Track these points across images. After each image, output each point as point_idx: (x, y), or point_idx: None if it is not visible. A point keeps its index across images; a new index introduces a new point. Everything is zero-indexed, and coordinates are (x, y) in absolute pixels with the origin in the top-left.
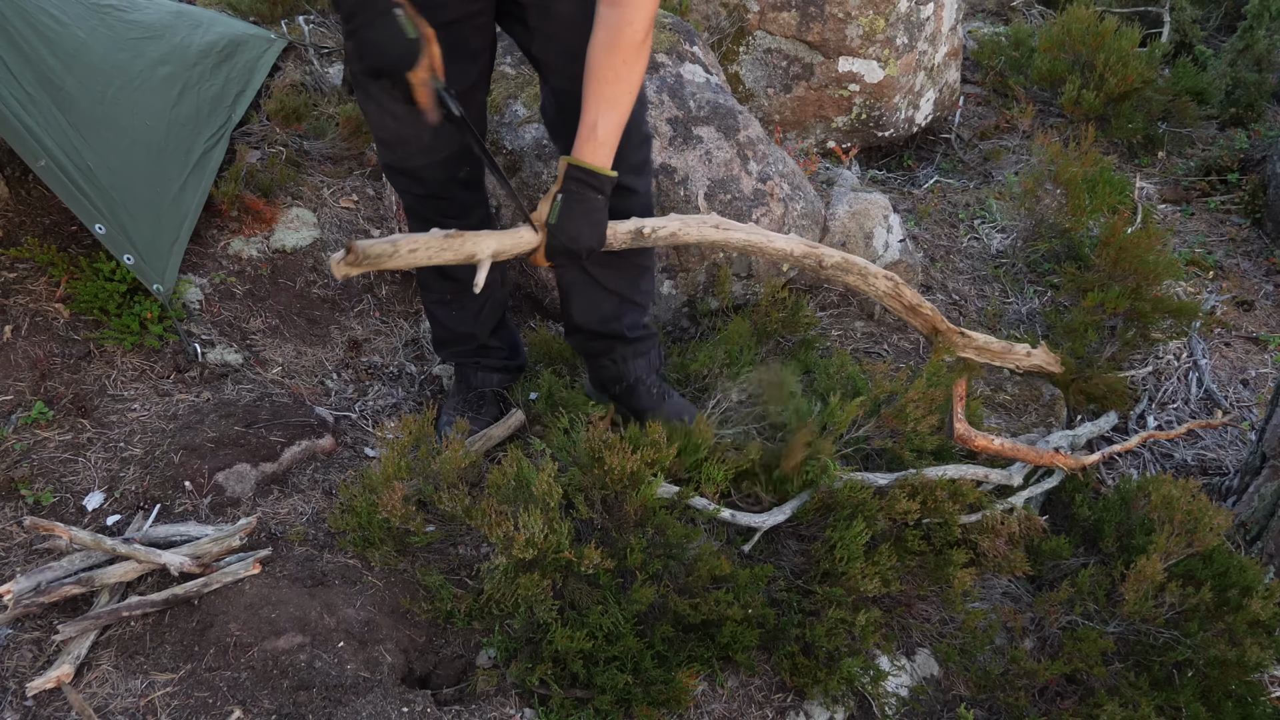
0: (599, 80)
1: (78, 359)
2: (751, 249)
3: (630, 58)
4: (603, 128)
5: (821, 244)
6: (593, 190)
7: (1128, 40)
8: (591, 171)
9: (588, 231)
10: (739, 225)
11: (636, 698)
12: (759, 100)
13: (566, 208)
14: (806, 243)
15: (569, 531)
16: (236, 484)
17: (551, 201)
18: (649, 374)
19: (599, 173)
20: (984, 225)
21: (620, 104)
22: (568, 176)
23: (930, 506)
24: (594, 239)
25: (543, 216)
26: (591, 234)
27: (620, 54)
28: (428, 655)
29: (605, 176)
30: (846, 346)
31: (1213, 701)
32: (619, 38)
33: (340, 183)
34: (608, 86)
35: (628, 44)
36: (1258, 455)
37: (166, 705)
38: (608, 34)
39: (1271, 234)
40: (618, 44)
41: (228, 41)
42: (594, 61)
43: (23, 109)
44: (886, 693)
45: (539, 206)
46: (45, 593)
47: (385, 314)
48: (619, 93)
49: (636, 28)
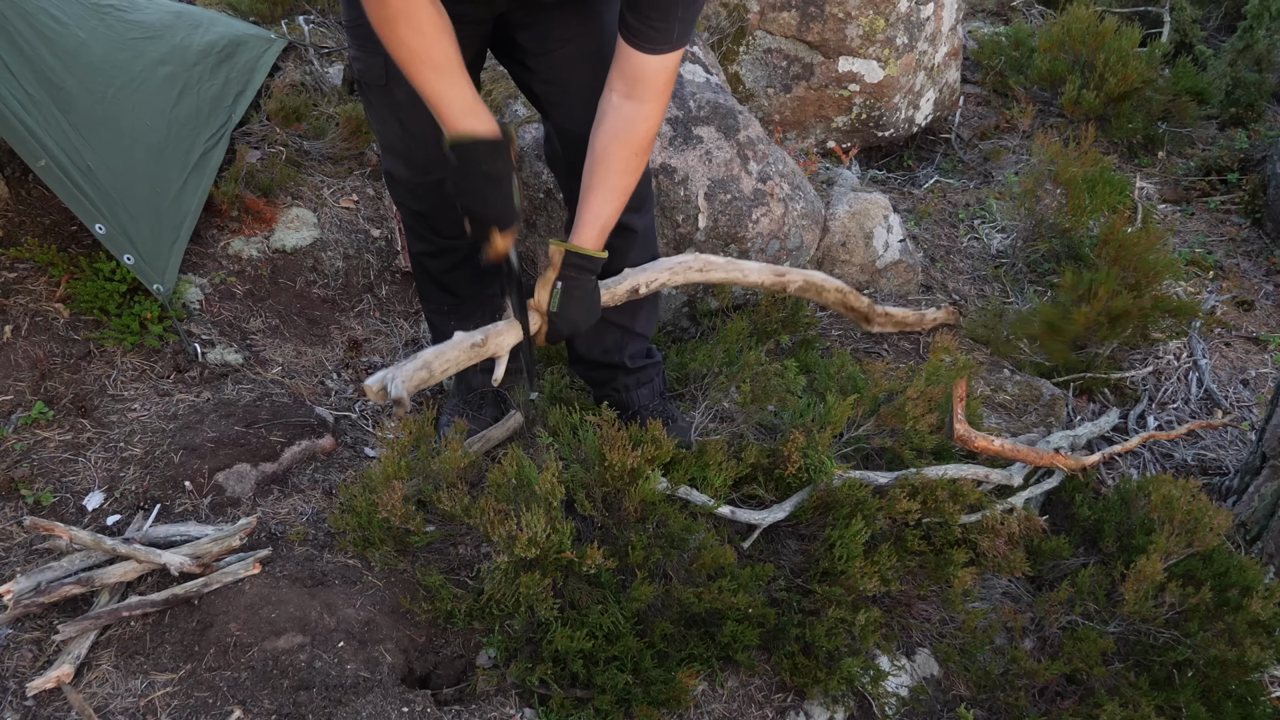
0: (607, 170)
1: (78, 359)
2: (730, 282)
3: (642, 151)
4: (606, 217)
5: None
6: (589, 274)
7: (1128, 40)
8: (589, 257)
9: (585, 315)
10: (718, 261)
11: (636, 697)
12: (759, 100)
13: (566, 295)
14: (774, 270)
15: (571, 531)
16: (236, 484)
17: (551, 290)
18: (652, 400)
19: (595, 256)
20: (984, 225)
21: (626, 193)
22: (566, 264)
23: (930, 506)
24: (591, 318)
25: (543, 305)
26: (589, 315)
27: (632, 147)
28: (428, 655)
29: (599, 259)
30: (846, 346)
31: (1213, 701)
32: (633, 132)
33: (340, 183)
34: (615, 178)
35: (642, 139)
36: (1258, 455)
37: (166, 705)
38: (622, 125)
39: (1271, 234)
40: (631, 138)
41: (228, 41)
42: (603, 150)
43: (23, 109)
44: (886, 693)
45: (537, 293)
46: (45, 593)
47: (385, 314)
48: (627, 184)
49: (652, 124)
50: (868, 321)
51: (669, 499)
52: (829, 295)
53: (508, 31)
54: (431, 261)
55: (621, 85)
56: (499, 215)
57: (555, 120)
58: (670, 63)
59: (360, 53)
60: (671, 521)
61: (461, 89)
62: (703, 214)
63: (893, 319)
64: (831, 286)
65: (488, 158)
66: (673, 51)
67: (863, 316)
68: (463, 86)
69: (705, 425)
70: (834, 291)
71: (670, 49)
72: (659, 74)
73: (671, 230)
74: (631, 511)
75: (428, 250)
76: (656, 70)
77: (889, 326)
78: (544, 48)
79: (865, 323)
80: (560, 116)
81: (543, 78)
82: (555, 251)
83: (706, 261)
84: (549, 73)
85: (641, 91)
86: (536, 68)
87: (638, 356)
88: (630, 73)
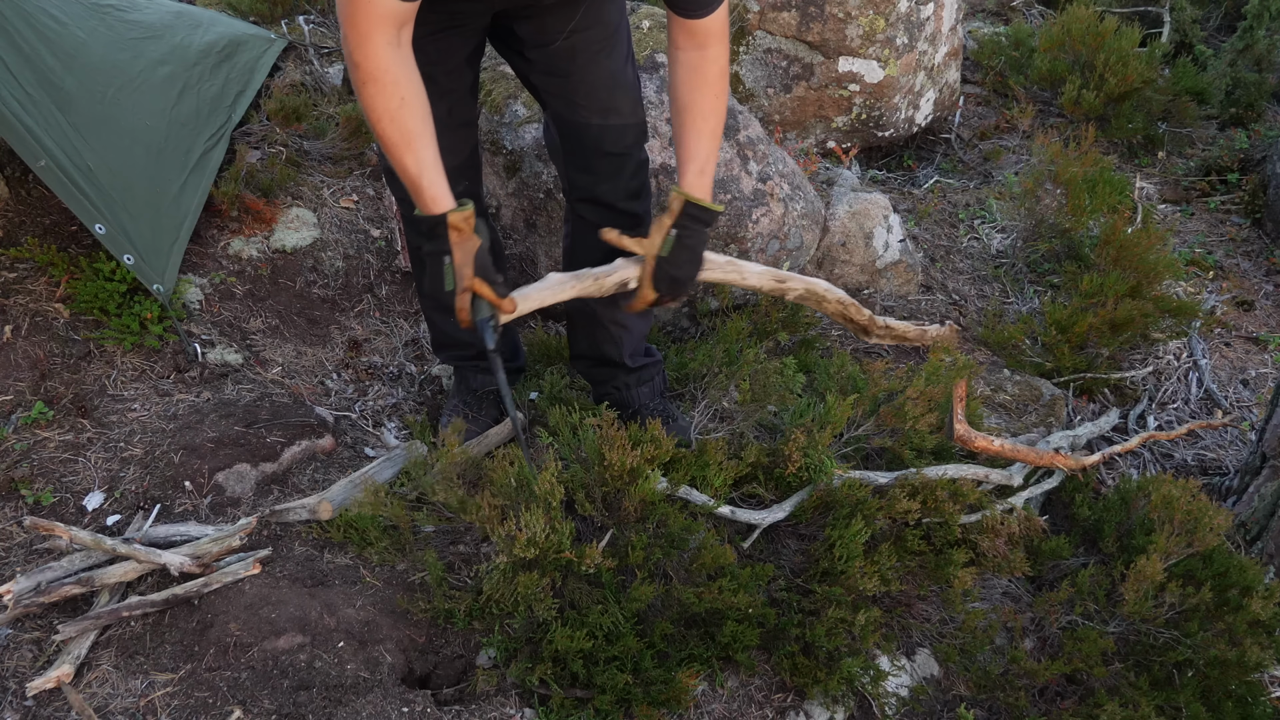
0: (695, 117)
1: (78, 359)
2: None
3: (720, 91)
4: (709, 162)
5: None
6: (703, 225)
7: (1128, 40)
8: (706, 209)
9: (692, 266)
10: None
11: (636, 697)
12: (759, 100)
13: (679, 244)
14: (775, 274)
15: (570, 531)
16: (236, 484)
17: (665, 234)
18: (652, 399)
19: (712, 209)
20: (984, 225)
21: (717, 135)
22: (684, 214)
23: (930, 506)
24: (696, 271)
25: (655, 248)
26: (695, 267)
27: (710, 89)
28: (428, 655)
29: (715, 211)
30: (846, 346)
31: (1213, 701)
32: (705, 75)
33: (340, 183)
34: (704, 122)
35: (716, 79)
36: (1258, 455)
37: (166, 705)
38: (693, 74)
39: (1271, 234)
40: (706, 80)
41: (228, 41)
42: (685, 100)
43: (23, 109)
44: (886, 693)
45: (651, 235)
46: (45, 593)
47: (385, 314)
48: (715, 126)
49: (723, 63)
50: (866, 334)
51: (669, 499)
52: (829, 306)
53: (507, 24)
54: None
55: (683, 39)
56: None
57: (554, 109)
58: (723, 13)
59: None
60: (671, 521)
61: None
62: None
63: (893, 332)
64: (833, 298)
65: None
66: (720, 6)
67: (862, 329)
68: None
69: (705, 424)
70: (835, 303)
71: (718, 4)
72: (714, 23)
73: None
74: (631, 511)
75: None
76: (711, 23)
77: (888, 339)
78: (543, 39)
79: (864, 335)
80: (559, 106)
81: (542, 68)
82: (675, 199)
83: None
84: (548, 63)
85: (702, 39)
86: (536, 59)
87: (637, 356)
88: (689, 31)
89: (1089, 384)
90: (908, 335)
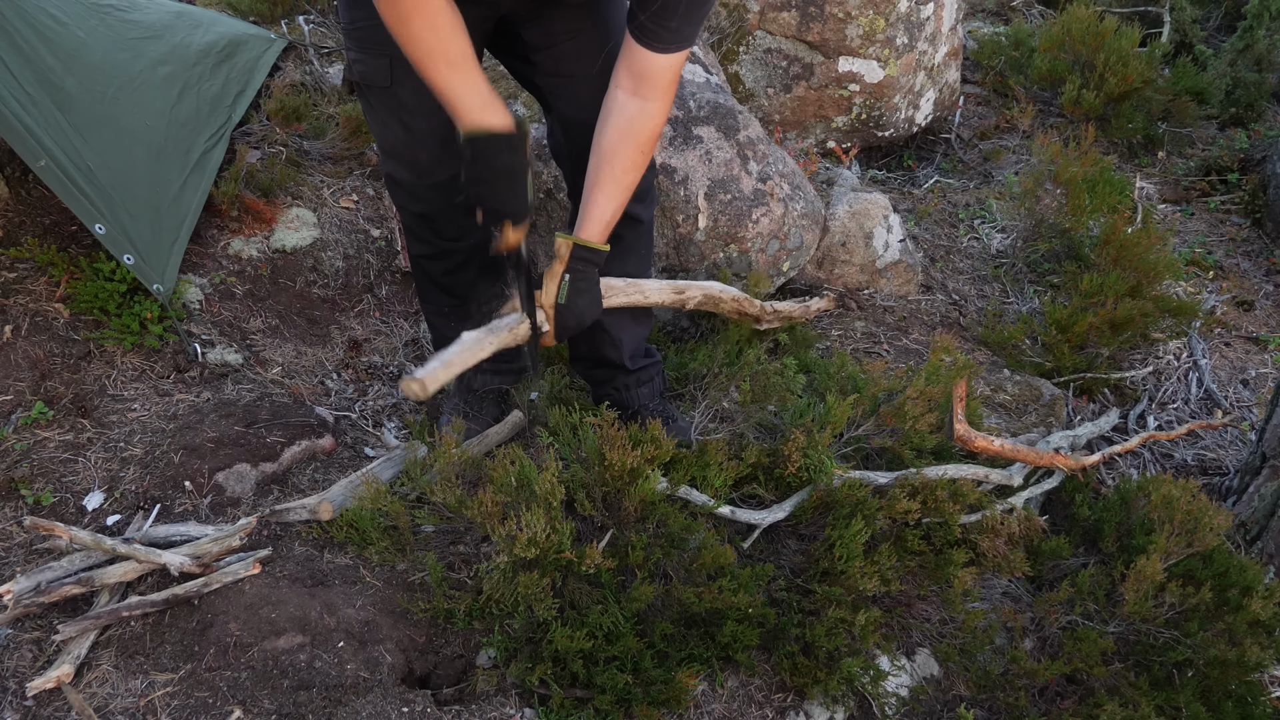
0: (613, 168)
1: (78, 359)
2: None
3: (648, 149)
4: (611, 213)
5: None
6: (594, 267)
7: (1128, 40)
8: (595, 250)
9: (591, 307)
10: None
11: (636, 697)
12: (759, 100)
13: (574, 288)
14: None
15: (571, 531)
16: (236, 484)
17: (559, 282)
18: (652, 399)
19: (600, 249)
20: (984, 225)
21: (630, 189)
22: (574, 257)
23: (930, 506)
24: (595, 311)
25: (551, 298)
26: (594, 308)
27: (639, 145)
28: (428, 655)
29: (603, 251)
30: (846, 346)
31: (1213, 701)
32: (640, 129)
33: (340, 183)
34: (621, 174)
35: (648, 136)
36: (1258, 455)
37: (166, 705)
38: (627, 123)
39: (1271, 234)
40: (638, 135)
41: (228, 41)
42: (608, 148)
43: (23, 109)
44: (886, 693)
45: (545, 286)
46: (45, 593)
47: (385, 314)
48: (631, 180)
49: (658, 122)
50: (758, 322)
51: (669, 499)
52: (726, 305)
53: (512, 28)
54: (432, 264)
55: (628, 82)
56: (513, 209)
57: (561, 112)
58: (678, 61)
59: (361, 55)
60: (671, 521)
61: (476, 83)
62: (703, 214)
63: (780, 314)
64: (728, 296)
65: (503, 152)
66: (681, 51)
67: (754, 319)
68: (477, 81)
69: (705, 425)
70: (730, 300)
71: (680, 48)
72: (666, 71)
73: (671, 230)
74: (631, 511)
75: (428, 252)
76: (664, 68)
77: (777, 322)
78: (549, 41)
79: (756, 324)
80: (567, 108)
81: (548, 71)
82: (563, 244)
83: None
84: (554, 66)
85: (648, 90)
86: (541, 62)
87: (636, 357)
88: (638, 70)
89: (1089, 384)
90: (793, 314)
